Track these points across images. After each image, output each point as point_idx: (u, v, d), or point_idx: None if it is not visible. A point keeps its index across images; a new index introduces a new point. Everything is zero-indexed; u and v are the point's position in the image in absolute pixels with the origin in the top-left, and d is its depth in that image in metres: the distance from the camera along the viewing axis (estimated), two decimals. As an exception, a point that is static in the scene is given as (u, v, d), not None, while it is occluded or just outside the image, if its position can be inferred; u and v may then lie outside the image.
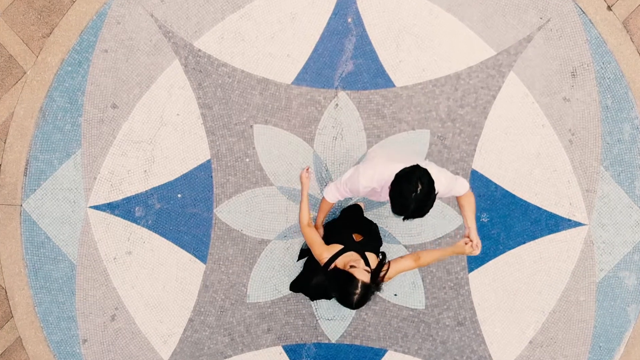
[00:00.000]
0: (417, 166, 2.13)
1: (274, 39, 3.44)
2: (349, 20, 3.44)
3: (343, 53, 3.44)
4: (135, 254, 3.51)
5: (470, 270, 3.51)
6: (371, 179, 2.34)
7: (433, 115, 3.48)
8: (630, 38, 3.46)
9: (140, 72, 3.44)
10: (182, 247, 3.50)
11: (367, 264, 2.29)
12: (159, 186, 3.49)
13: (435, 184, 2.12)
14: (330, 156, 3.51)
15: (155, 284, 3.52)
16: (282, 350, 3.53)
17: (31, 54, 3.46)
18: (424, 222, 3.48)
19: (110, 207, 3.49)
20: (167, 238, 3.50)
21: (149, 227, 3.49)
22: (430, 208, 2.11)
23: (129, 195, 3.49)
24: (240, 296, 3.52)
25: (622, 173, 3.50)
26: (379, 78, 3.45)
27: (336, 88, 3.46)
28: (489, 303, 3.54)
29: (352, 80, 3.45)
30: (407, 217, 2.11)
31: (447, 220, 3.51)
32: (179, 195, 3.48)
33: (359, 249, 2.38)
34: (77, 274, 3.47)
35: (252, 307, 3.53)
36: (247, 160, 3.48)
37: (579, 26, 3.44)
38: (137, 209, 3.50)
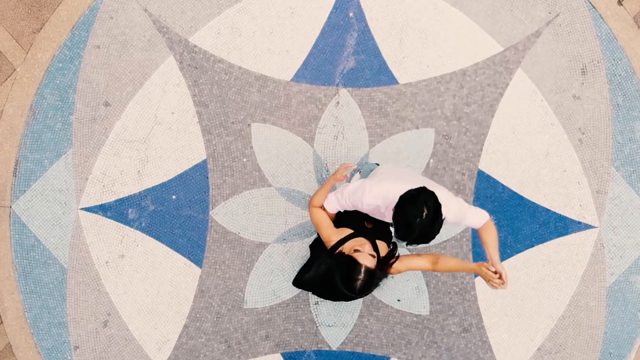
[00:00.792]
0: (424, 189, 2.09)
1: (273, 34, 3.44)
2: (351, 14, 3.44)
3: (344, 49, 3.45)
4: (128, 257, 3.50)
5: (477, 274, 3.45)
6: (376, 197, 2.30)
7: (438, 113, 3.47)
8: (642, 33, 3.48)
9: (133, 69, 3.44)
10: (176, 251, 3.50)
11: (375, 250, 2.24)
12: (152, 187, 3.49)
13: (443, 208, 2.08)
14: (331, 156, 3.50)
15: (149, 288, 3.51)
16: (281, 358, 3.53)
17: (21, 50, 3.46)
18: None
19: (103, 209, 3.48)
20: (162, 241, 3.50)
21: (142, 230, 3.49)
22: (436, 234, 2.06)
23: (121, 196, 3.48)
24: (237, 302, 3.52)
25: (633, 173, 3.50)
26: (382, 75, 3.45)
27: (337, 85, 3.46)
28: (496, 309, 3.53)
29: (354, 77, 3.45)
30: (411, 243, 2.06)
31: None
32: (174, 197, 3.49)
33: (370, 236, 2.33)
34: (68, 278, 3.47)
35: (249, 313, 3.53)
36: (245, 160, 3.48)
37: (588, 21, 3.44)
38: (130, 210, 3.49)
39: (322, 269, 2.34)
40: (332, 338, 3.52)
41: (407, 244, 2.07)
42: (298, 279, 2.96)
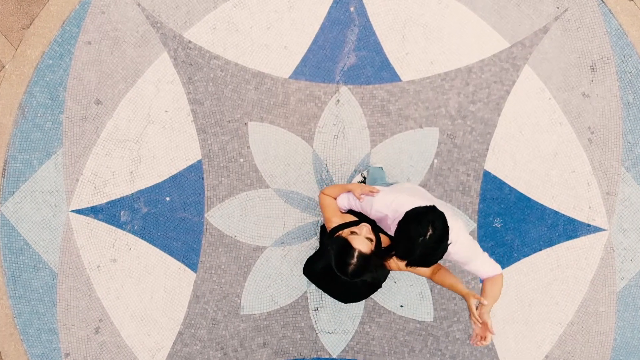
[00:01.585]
0: (433, 207, 2.02)
1: (270, 29, 3.43)
2: (352, 9, 3.42)
3: (345, 45, 3.43)
4: (120, 261, 3.49)
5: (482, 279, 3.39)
6: (386, 206, 2.26)
7: (442, 111, 3.46)
8: (654, 29, 3.48)
9: (126, 66, 3.43)
10: (170, 255, 3.49)
11: (378, 241, 2.24)
12: (146, 189, 3.48)
13: (452, 237, 2.02)
14: (331, 156, 3.48)
15: (142, 294, 3.50)
16: (279, 366, 3.54)
17: (10, 46, 3.44)
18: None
19: (94, 211, 3.46)
20: (155, 245, 3.49)
21: (135, 233, 3.48)
22: (439, 259, 2.00)
23: (113, 198, 3.47)
24: (233, 307, 3.50)
25: (644, 174, 3.50)
26: (384, 72, 3.44)
27: (337, 82, 3.45)
28: (502, 315, 3.51)
29: (355, 74, 3.44)
30: (410, 264, 1.99)
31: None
32: (168, 199, 3.48)
33: (374, 228, 2.31)
34: (59, 283, 3.46)
35: (246, 320, 3.52)
36: (241, 160, 3.46)
37: (598, 16, 3.43)
38: (122, 213, 3.47)
39: (328, 257, 2.34)
40: (333, 345, 3.51)
41: (406, 264, 2.00)
42: (307, 267, 2.94)
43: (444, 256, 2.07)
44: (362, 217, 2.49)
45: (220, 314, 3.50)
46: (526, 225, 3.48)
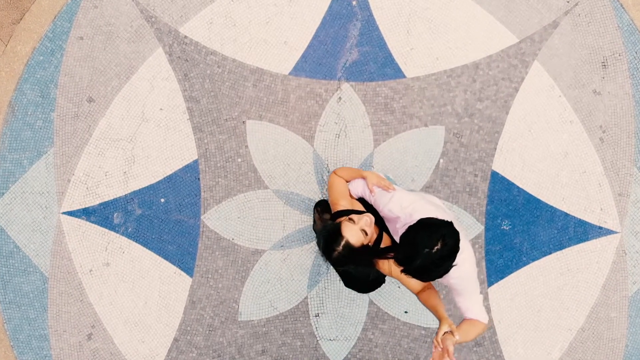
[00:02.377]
0: (450, 224, 1.94)
1: (269, 23, 3.43)
2: (354, 2, 3.42)
3: (347, 40, 3.43)
4: (113, 265, 3.47)
5: (490, 284, 3.47)
6: (401, 208, 2.21)
7: (448, 109, 3.45)
8: (667, 25, 3.48)
9: (119, 62, 3.42)
10: (165, 258, 3.48)
11: (379, 238, 2.23)
12: (140, 190, 3.47)
13: (459, 256, 1.94)
14: (332, 156, 3.46)
15: (136, 299, 3.48)
16: (279, 374, 3.53)
17: None
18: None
19: (86, 213, 3.45)
20: (149, 248, 3.47)
21: (128, 236, 3.46)
22: (437, 277, 1.94)
23: (106, 199, 3.46)
24: (231, 313, 3.49)
25: (658, 175, 3.48)
26: (388, 68, 3.43)
27: (339, 79, 3.44)
28: (510, 321, 3.49)
29: (357, 71, 3.43)
30: (406, 272, 1.92)
31: (464, 228, 3.40)
32: (163, 200, 3.46)
33: (381, 225, 2.30)
34: (50, 287, 3.43)
35: (244, 326, 3.49)
36: (239, 160, 3.45)
37: (609, 11, 3.42)
38: (115, 215, 3.46)
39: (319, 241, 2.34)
40: (334, 353, 3.49)
41: (402, 271, 1.93)
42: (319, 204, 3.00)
43: (442, 278, 2.02)
44: (372, 210, 2.43)
45: (217, 320, 3.47)
46: (535, 227, 3.46)
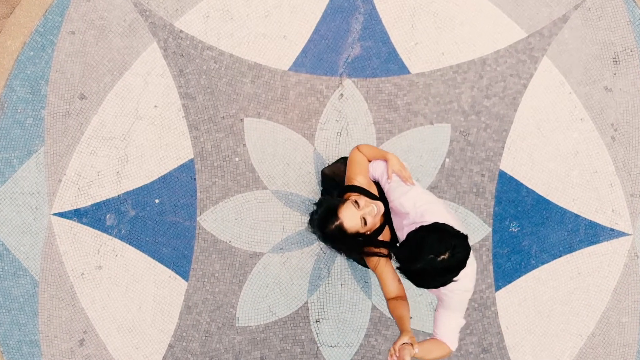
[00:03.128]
0: (465, 237, 1.87)
1: (268, 17, 3.41)
2: None
3: (349, 34, 3.41)
4: (106, 269, 3.44)
5: (498, 288, 3.44)
6: (414, 206, 2.15)
7: (454, 107, 3.43)
8: (681, 18, 3.45)
9: (112, 57, 3.40)
10: (160, 262, 3.45)
11: (379, 229, 2.23)
12: (133, 190, 3.45)
13: (462, 272, 1.89)
14: (333, 155, 3.43)
15: (129, 304, 3.45)
16: (278, 382, 3.53)
17: None
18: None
19: (78, 215, 3.42)
20: (143, 251, 3.45)
21: (122, 238, 3.44)
22: (433, 287, 1.91)
23: (99, 200, 3.43)
24: (228, 319, 3.45)
25: (671, 175, 3.47)
26: (391, 63, 3.41)
27: (341, 75, 3.42)
28: (518, 326, 3.45)
29: (360, 66, 3.41)
30: (401, 270, 1.89)
31: (469, 230, 3.45)
32: (157, 201, 3.44)
33: (386, 216, 2.29)
34: (40, 291, 3.39)
35: (242, 332, 3.46)
36: (237, 159, 3.43)
37: (620, 5, 3.39)
38: (108, 216, 3.43)
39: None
40: None
41: (397, 268, 1.88)
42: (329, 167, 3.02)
43: (438, 290, 1.97)
44: (382, 198, 2.37)
45: (214, 326, 3.44)
46: (545, 229, 3.43)
